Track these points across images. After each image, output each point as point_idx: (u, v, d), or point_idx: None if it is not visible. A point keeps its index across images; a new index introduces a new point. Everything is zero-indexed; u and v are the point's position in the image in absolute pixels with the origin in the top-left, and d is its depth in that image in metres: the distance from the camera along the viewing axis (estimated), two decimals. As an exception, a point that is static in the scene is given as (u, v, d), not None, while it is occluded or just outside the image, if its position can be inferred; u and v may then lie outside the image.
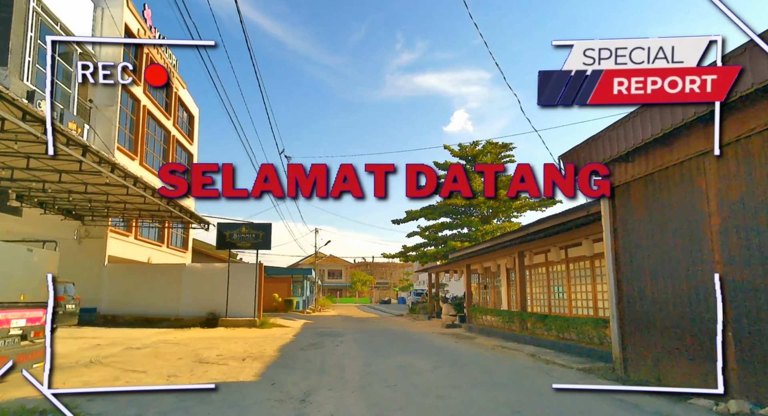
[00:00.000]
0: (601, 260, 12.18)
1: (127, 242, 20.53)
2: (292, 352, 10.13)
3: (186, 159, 29.42)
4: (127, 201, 14.57)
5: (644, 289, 7.17)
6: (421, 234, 29.64)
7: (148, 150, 23.57)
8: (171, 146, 26.31)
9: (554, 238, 12.57)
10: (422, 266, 31.22)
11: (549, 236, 12.31)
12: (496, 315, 14.83)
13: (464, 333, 15.87)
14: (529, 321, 12.42)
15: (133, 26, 20.55)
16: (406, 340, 13.35)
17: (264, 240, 18.32)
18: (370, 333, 16.04)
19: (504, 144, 30.07)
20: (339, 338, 13.69)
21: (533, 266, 15.50)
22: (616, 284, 7.82)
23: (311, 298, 40.99)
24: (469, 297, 18.88)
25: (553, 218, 11.10)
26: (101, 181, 11.98)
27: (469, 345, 11.98)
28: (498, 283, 19.30)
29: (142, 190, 12.45)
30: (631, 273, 7.54)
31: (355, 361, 8.77)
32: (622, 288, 7.72)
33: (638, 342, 7.23)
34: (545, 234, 12.43)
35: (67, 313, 12.10)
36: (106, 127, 18.21)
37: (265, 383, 6.50)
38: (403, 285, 72.86)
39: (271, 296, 31.14)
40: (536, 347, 10.98)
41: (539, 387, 6.55)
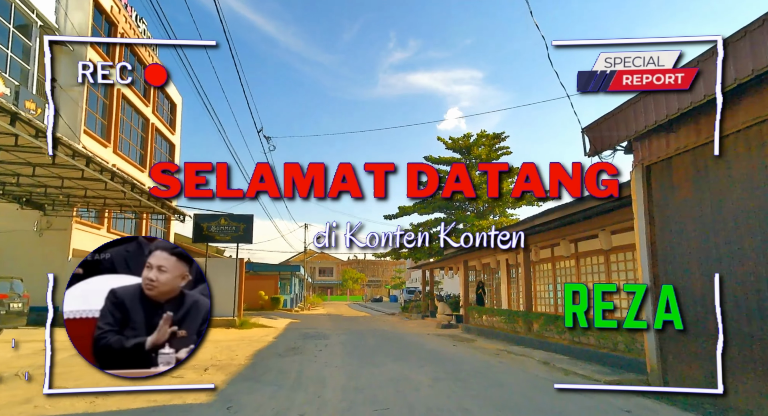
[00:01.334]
0: (618, 254, 10.89)
1: (98, 235, 18.96)
2: (266, 359, 8.74)
3: (167, 149, 27.87)
4: (87, 187, 13.07)
5: (691, 287, 5.86)
6: (414, 231, 28.30)
7: (123, 137, 22.00)
8: (150, 135, 24.71)
9: (565, 230, 11.24)
10: (415, 263, 29.91)
11: (561, 226, 10.97)
12: (497, 316, 13.52)
13: (462, 335, 14.55)
14: (536, 322, 11.09)
15: (106, 2, 18.95)
16: (398, 343, 11.99)
17: (245, 233, 16.85)
18: (359, 334, 14.67)
19: (496, 134, 28.81)
20: (324, 340, 12.31)
21: (538, 262, 14.21)
22: (653, 280, 6.50)
23: (300, 296, 39.52)
24: (466, 295, 17.57)
25: (566, 207, 9.77)
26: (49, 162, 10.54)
27: (469, 350, 10.65)
28: (497, 280, 18.00)
29: (98, 172, 10.96)
30: (672, 268, 6.23)
31: (339, 372, 7.40)
32: (660, 285, 6.40)
33: (683, 351, 5.93)
34: (556, 225, 11.11)
35: (13, 313, 10.58)
36: (71, 108, 16.63)
37: (219, 406, 5.11)
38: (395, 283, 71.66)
39: (256, 294, 29.67)
40: (547, 352, 9.67)
41: (570, 412, 5.20)
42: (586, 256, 12.30)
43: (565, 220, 10.55)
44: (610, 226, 10.19)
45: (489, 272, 20.10)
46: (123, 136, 22.03)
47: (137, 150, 23.70)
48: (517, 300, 16.65)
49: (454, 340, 12.87)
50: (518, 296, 16.68)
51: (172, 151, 28.31)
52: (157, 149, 26.11)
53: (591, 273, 12.12)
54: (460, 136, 29.22)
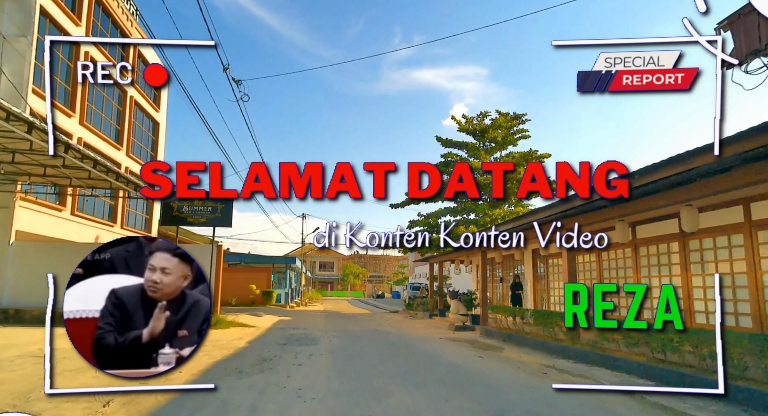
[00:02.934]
0: (704, 240, 8.17)
1: (58, 218, 16.36)
2: (217, 380, 6.10)
3: (151, 127, 25.22)
4: (43, 162, 10.57)
5: None
6: (421, 222, 25.58)
7: (94, 108, 19.37)
8: (128, 109, 22.06)
9: (628, 206, 8.46)
10: (422, 256, 27.20)
11: (626, 201, 8.18)
12: (530, 318, 10.78)
13: (483, 340, 11.87)
14: (592, 329, 8.34)
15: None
16: (406, 353, 9.31)
17: (224, 215, 14.22)
18: (356, 338, 11.99)
19: (516, 115, 25.98)
20: (310, 347, 9.66)
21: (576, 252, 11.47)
22: None
23: (297, 291, 36.89)
24: (483, 292, 14.87)
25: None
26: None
27: (502, 364, 7.97)
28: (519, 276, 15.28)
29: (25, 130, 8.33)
30: None
31: (317, 412, 4.70)
32: None
33: None
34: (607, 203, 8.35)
35: None
36: (17, 63, 13.98)
37: None
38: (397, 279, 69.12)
39: (247, 287, 27.06)
40: (614, 373, 6.98)
41: None
42: (649, 243, 9.58)
43: (641, 190, 7.78)
44: (698, 200, 7.47)
45: (508, 267, 17.39)
46: (94, 107, 19.40)
47: (111, 123, 21.05)
48: (547, 299, 13.94)
49: (477, 348, 10.19)
50: (547, 294, 13.97)
51: (156, 130, 25.67)
52: (138, 126, 23.47)
53: (654, 266, 9.39)
54: (474, 115, 26.46)
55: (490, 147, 26.16)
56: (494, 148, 25.97)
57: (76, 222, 17.50)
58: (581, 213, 9.06)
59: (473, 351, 9.73)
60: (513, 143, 25.92)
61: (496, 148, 25.89)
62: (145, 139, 24.44)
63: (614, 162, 4.26)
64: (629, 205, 8.17)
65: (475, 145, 26.14)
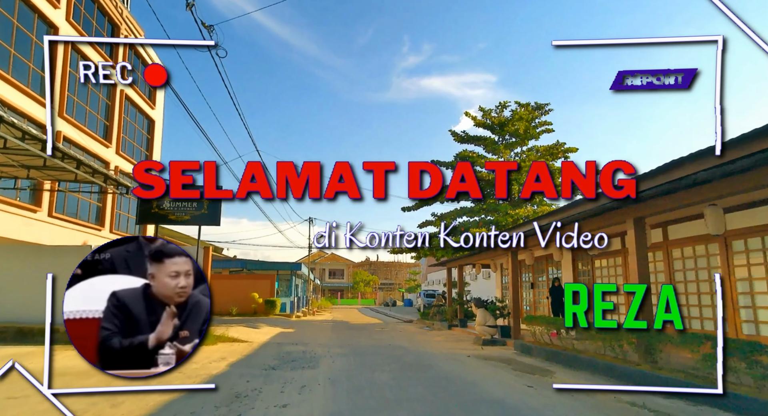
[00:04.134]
0: None
1: (31, 219, 14.54)
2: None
3: (145, 125, 23.50)
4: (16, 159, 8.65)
5: None
6: (435, 224, 23.41)
7: (76, 99, 17.60)
8: (118, 104, 20.33)
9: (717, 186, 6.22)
10: (437, 260, 24.97)
11: (711, 181, 5.92)
12: (590, 333, 8.52)
13: (521, 359, 9.68)
14: (690, 349, 6.08)
15: None
16: (432, 381, 7.14)
17: (211, 212, 12.24)
18: (365, 357, 9.86)
19: (538, 104, 23.78)
20: (305, 372, 7.56)
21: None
22: None
23: (304, 299, 34.79)
24: (516, 299, 12.66)
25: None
26: None
27: (568, 401, 5.78)
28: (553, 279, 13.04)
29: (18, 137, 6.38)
30: None
31: None
32: None
33: None
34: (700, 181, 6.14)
35: None
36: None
37: None
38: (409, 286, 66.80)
39: (249, 296, 25.07)
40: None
41: None
42: (745, 235, 7.36)
43: (728, 169, 5.62)
44: None
45: (539, 271, 15.16)
46: (77, 99, 17.64)
47: (99, 120, 19.29)
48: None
49: (519, 372, 8.00)
50: (594, 301, 11.70)
51: (151, 128, 23.93)
52: (130, 122, 21.72)
53: (755, 266, 7.17)
54: (492, 107, 24.31)
55: (510, 141, 23.94)
56: (515, 143, 23.74)
57: (54, 224, 15.67)
58: (652, 198, 6.89)
59: (516, 377, 7.54)
60: (535, 136, 23.70)
61: (517, 143, 23.68)
62: (138, 136, 22.69)
63: (621, 161, 4.14)
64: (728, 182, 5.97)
65: (493, 139, 23.97)
